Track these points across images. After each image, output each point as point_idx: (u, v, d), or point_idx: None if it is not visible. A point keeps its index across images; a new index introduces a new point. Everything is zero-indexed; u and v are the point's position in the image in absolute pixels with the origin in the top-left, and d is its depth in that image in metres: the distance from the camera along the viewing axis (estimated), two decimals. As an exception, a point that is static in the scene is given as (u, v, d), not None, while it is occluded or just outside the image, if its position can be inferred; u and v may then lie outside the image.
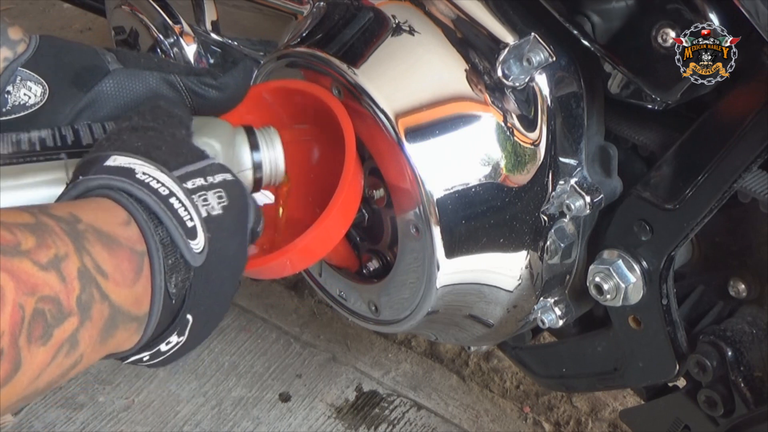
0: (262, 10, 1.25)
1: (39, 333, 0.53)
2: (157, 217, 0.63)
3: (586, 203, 0.92)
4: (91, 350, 0.58)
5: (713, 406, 0.97)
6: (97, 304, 0.57)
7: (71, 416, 1.47)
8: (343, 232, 0.90)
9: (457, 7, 0.92)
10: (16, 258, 0.53)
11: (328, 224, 0.85)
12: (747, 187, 0.87)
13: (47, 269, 0.54)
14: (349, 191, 0.87)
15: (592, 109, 0.94)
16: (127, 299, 0.60)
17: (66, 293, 0.55)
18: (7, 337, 0.51)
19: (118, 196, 0.63)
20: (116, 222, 0.61)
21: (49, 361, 0.55)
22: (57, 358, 0.55)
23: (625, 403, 1.46)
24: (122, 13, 1.42)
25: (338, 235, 0.89)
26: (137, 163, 0.66)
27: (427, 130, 0.89)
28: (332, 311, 1.64)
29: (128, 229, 0.62)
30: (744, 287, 0.97)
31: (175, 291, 0.64)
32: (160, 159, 0.67)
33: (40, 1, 2.75)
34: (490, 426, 1.47)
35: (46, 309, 0.53)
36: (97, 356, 0.60)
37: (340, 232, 0.89)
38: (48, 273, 0.54)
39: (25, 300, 0.52)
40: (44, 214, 0.58)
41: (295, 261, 0.88)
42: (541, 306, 1.02)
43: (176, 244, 0.63)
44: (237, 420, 1.48)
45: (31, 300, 0.52)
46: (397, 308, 1.00)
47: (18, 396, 0.54)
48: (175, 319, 0.66)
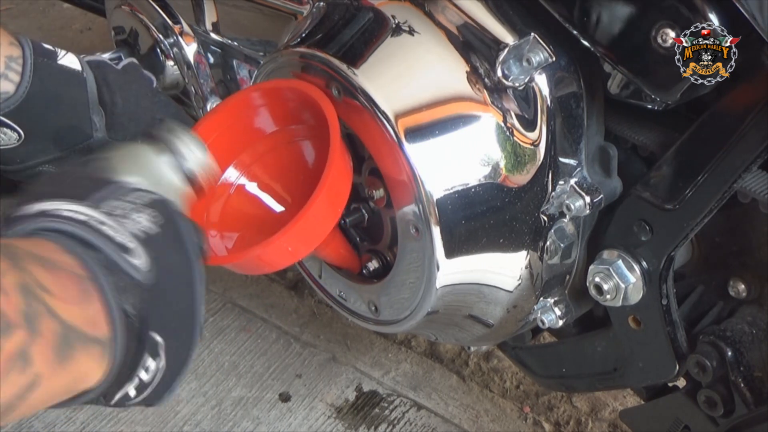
0: (262, 10, 1.25)
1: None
2: (91, 244, 0.63)
3: (585, 203, 0.92)
4: (50, 371, 0.57)
5: (713, 406, 0.97)
6: (45, 319, 0.56)
7: (71, 416, 1.47)
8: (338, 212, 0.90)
9: (457, 7, 0.92)
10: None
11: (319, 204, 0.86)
12: (747, 187, 0.87)
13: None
14: (337, 170, 0.87)
15: (591, 109, 0.94)
16: (79, 318, 0.59)
17: (8, 305, 0.54)
18: None
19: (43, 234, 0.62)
20: (51, 250, 0.61)
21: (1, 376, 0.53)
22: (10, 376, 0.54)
23: (625, 403, 1.46)
24: (122, 13, 1.42)
25: (332, 216, 0.90)
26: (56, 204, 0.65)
27: (427, 131, 0.89)
28: (332, 311, 1.64)
29: (64, 255, 0.61)
30: (744, 287, 0.97)
31: (134, 311, 0.63)
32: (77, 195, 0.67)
33: (40, 1, 2.75)
34: (490, 426, 1.47)
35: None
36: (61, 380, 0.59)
37: (333, 213, 0.90)
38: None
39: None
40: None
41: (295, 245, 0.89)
42: (541, 306, 1.02)
43: (116, 263, 0.63)
44: (237, 420, 1.48)
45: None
46: (397, 308, 1.00)
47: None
48: (143, 341, 0.65)
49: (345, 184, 0.91)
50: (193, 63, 1.36)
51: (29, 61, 0.86)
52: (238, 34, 1.33)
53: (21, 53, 0.86)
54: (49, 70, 0.88)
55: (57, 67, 0.89)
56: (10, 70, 0.85)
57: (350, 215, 1.01)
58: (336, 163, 0.87)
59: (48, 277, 0.58)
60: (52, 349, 0.57)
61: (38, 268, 0.58)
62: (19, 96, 0.85)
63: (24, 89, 0.86)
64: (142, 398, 0.68)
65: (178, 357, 0.69)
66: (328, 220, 0.90)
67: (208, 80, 1.35)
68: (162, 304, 0.66)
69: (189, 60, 1.36)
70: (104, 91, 0.91)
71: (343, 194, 0.91)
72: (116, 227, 0.65)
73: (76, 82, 0.90)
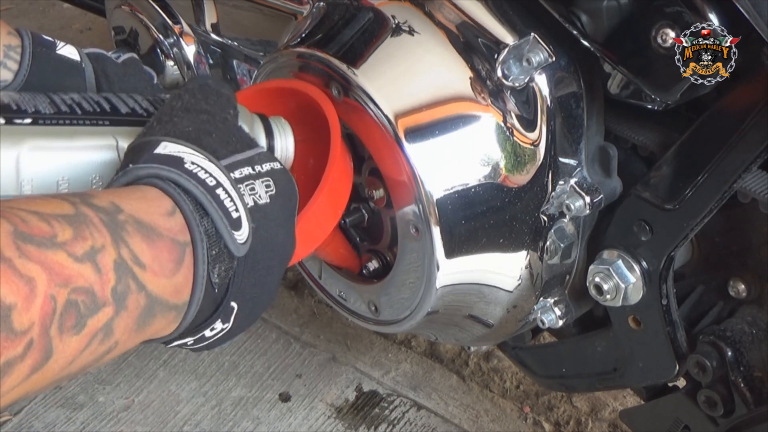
0: (262, 10, 1.25)
1: (71, 323, 0.54)
2: (203, 208, 0.64)
3: (585, 203, 0.92)
4: (127, 337, 0.60)
5: (713, 406, 0.97)
6: (134, 295, 0.58)
7: (71, 416, 1.47)
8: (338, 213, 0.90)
9: (456, 7, 0.92)
10: (50, 250, 0.54)
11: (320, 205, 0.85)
12: (747, 187, 0.87)
13: (82, 261, 0.55)
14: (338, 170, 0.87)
15: (591, 109, 0.94)
16: (166, 289, 0.61)
17: (101, 284, 0.56)
18: (37, 328, 0.52)
19: (165, 186, 0.63)
20: (159, 212, 0.62)
21: (82, 348, 0.56)
22: (90, 346, 0.56)
23: (625, 403, 1.46)
24: (122, 13, 1.42)
25: (332, 217, 0.89)
26: (187, 151, 0.66)
27: (427, 131, 0.89)
28: (332, 311, 1.64)
29: (171, 219, 0.62)
30: (744, 287, 0.97)
31: (218, 280, 0.64)
32: (210, 147, 0.68)
33: (40, 1, 2.75)
34: (490, 426, 1.47)
35: (79, 300, 0.54)
36: (134, 342, 0.61)
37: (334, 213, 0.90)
38: (83, 264, 0.55)
39: (57, 291, 0.53)
40: (85, 204, 0.59)
41: None
42: (541, 306, 1.02)
43: (221, 235, 0.64)
44: (237, 420, 1.48)
45: (64, 291, 0.54)
46: (397, 308, 1.00)
47: (49, 381, 0.56)
48: (219, 307, 0.66)
49: (346, 184, 0.91)
50: (193, 63, 1.36)
51: (28, 50, 0.86)
52: (238, 34, 1.33)
53: (20, 42, 0.87)
54: (47, 60, 0.88)
55: (56, 57, 0.89)
56: (9, 59, 0.85)
57: (350, 215, 1.01)
58: (337, 163, 0.87)
59: (145, 249, 0.60)
60: (134, 321, 0.59)
61: (137, 239, 0.59)
62: (18, 84, 0.86)
63: (22, 78, 0.86)
64: (197, 347, 0.70)
65: (244, 321, 0.70)
66: (328, 220, 0.90)
67: (208, 80, 1.35)
68: (248, 275, 0.67)
69: (189, 60, 1.36)
70: (102, 82, 0.91)
71: (343, 195, 0.91)
72: (235, 197, 0.66)
73: (75, 72, 0.90)
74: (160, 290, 0.60)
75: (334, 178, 0.87)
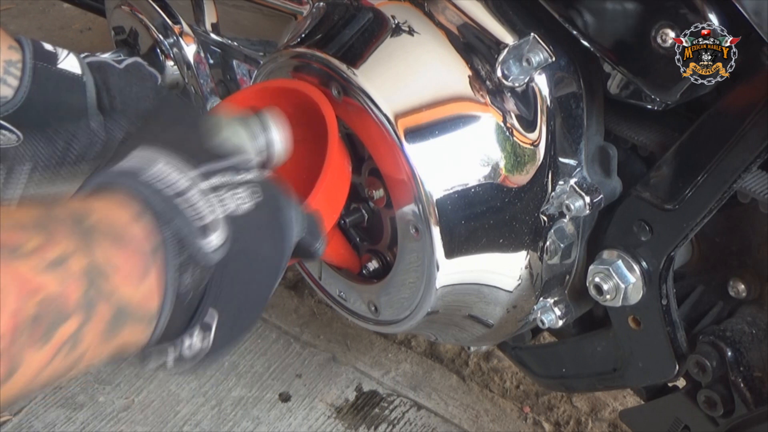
0: (262, 10, 1.25)
1: (39, 334, 0.53)
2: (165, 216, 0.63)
3: (585, 203, 0.92)
4: (95, 347, 0.58)
5: (713, 406, 0.97)
6: (102, 302, 0.57)
7: (71, 416, 1.47)
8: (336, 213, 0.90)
9: (456, 7, 0.92)
10: (18, 260, 0.53)
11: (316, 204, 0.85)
12: (747, 187, 0.87)
13: (50, 270, 0.54)
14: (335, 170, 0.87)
15: (591, 109, 0.94)
16: (134, 296, 0.60)
17: (69, 293, 0.55)
18: (6, 340, 0.51)
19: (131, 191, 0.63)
20: (126, 218, 0.62)
21: (48, 360, 0.55)
22: (57, 357, 0.55)
23: (625, 403, 1.46)
24: (122, 13, 1.42)
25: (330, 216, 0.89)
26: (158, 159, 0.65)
27: (427, 131, 0.89)
28: (332, 311, 1.64)
29: (137, 225, 0.62)
30: (744, 287, 0.97)
31: (190, 287, 0.63)
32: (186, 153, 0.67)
33: (40, 1, 2.75)
34: (490, 426, 1.47)
35: (47, 311, 0.53)
36: (103, 352, 0.60)
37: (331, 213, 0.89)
38: (51, 273, 0.54)
39: (25, 302, 0.52)
40: (53, 211, 0.58)
41: None
42: (541, 306, 1.02)
43: (186, 242, 0.63)
44: (237, 420, 1.48)
45: (32, 302, 0.53)
46: (397, 308, 1.00)
47: (15, 395, 0.54)
48: (193, 316, 0.65)
49: (343, 184, 0.91)
50: (193, 63, 1.36)
51: (28, 66, 0.86)
52: (238, 34, 1.33)
53: (20, 57, 0.86)
54: (48, 75, 0.88)
55: (56, 72, 0.89)
56: (9, 75, 0.85)
57: (350, 215, 1.01)
58: (334, 163, 0.87)
59: (114, 255, 0.59)
60: (103, 330, 0.58)
61: (106, 245, 0.59)
62: (18, 101, 0.86)
63: (22, 94, 0.86)
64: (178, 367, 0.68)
65: (228, 335, 0.69)
66: (326, 220, 0.90)
67: (208, 80, 1.35)
68: (228, 284, 0.66)
69: (189, 60, 1.36)
70: (104, 95, 0.91)
71: (341, 194, 0.91)
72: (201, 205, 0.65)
73: (76, 88, 0.90)
74: (128, 297, 0.59)
75: (331, 178, 0.87)
